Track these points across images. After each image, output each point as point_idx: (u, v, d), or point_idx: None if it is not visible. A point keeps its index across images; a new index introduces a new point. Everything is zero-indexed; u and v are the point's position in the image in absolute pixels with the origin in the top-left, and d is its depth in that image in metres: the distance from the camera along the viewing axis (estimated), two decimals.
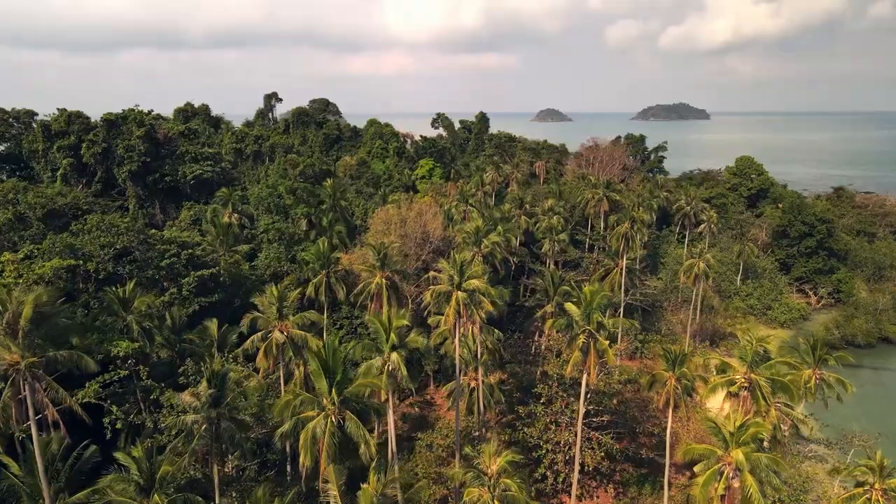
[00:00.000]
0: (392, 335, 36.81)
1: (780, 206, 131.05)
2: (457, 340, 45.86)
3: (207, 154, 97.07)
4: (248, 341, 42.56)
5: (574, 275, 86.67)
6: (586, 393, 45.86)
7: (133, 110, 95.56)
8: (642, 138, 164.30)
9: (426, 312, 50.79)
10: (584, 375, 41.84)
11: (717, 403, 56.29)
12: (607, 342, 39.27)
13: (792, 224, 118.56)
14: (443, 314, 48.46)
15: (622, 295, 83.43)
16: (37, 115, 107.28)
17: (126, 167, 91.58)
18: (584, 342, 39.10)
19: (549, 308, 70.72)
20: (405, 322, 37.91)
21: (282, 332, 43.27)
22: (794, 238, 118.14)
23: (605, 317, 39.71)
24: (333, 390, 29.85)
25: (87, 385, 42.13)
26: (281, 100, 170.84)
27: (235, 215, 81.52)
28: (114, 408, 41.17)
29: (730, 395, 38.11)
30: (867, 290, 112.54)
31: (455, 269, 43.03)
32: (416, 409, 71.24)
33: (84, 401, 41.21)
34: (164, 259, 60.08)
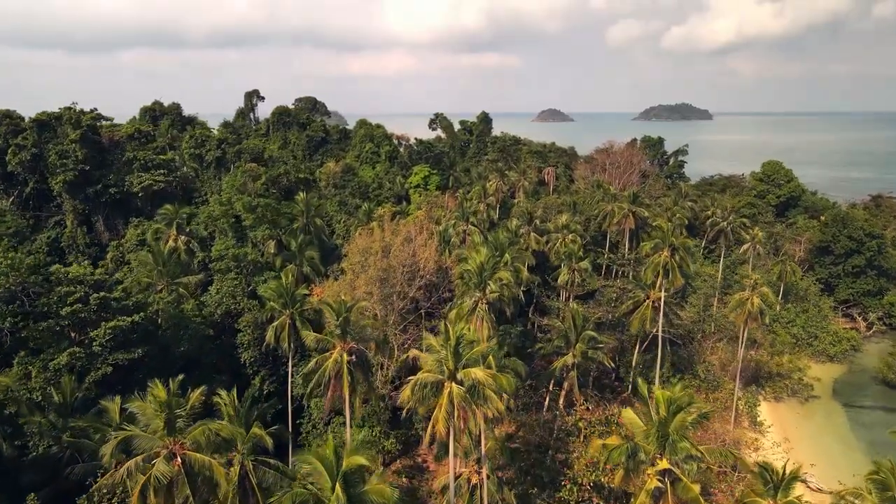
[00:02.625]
0: (338, 487, 21.78)
1: (823, 217, 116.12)
2: (451, 445, 31.19)
3: (160, 161, 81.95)
4: (120, 472, 26.98)
5: (597, 311, 71.63)
6: None
7: (70, 109, 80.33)
8: (660, 140, 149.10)
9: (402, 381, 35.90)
10: None
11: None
12: (698, 486, 24.08)
13: (836, 239, 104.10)
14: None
15: (659, 331, 69.06)
16: None
17: (60, 176, 76.72)
18: (657, 486, 24.31)
19: (569, 359, 56.20)
20: (361, 461, 22.85)
21: (171, 459, 27.75)
22: (839, 255, 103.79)
23: (694, 445, 24.30)
24: None
25: None
26: (263, 98, 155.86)
27: (183, 238, 66.68)
28: None
29: None
30: None
31: (448, 349, 28.36)
32: (404, 478, 57.51)
33: None
34: (65, 306, 45.36)
